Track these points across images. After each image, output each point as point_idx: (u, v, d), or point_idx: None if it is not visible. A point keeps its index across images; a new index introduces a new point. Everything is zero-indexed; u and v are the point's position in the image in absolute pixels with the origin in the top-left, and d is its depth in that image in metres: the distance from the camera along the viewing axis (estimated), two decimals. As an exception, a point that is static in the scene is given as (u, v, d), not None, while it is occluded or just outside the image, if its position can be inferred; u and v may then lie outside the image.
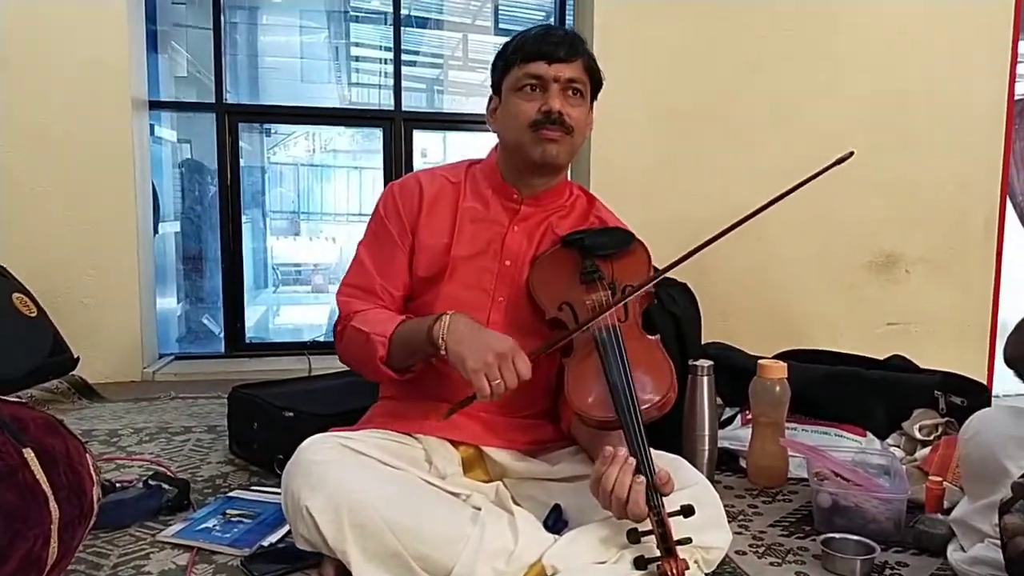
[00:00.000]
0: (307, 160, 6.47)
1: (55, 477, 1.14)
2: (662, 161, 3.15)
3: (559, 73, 1.45)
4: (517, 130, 1.47)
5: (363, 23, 5.41)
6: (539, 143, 1.46)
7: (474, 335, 1.32)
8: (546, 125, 1.44)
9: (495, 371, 1.26)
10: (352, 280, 1.55)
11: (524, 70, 1.45)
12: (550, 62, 1.44)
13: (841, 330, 3.28)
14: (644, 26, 3.10)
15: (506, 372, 1.27)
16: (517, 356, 1.28)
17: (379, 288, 1.52)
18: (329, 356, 3.26)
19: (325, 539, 1.21)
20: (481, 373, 1.26)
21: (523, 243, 1.53)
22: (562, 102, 1.45)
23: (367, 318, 1.46)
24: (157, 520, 1.61)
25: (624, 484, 1.19)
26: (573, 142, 1.49)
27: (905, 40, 3.26)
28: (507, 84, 1.50)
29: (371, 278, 1.52)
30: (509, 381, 1.27)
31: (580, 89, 1.48)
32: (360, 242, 1.58)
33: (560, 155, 1.48)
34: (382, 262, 1.53)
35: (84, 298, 2.89)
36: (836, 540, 1.44)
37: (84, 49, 2.83)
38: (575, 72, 1.46)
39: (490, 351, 1.28)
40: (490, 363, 1.27)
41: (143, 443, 2.16)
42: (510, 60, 1.48)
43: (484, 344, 1.29)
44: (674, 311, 2.01)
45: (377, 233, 1.56)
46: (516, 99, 1.47)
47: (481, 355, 1.27)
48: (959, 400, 1.99)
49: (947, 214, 3.36)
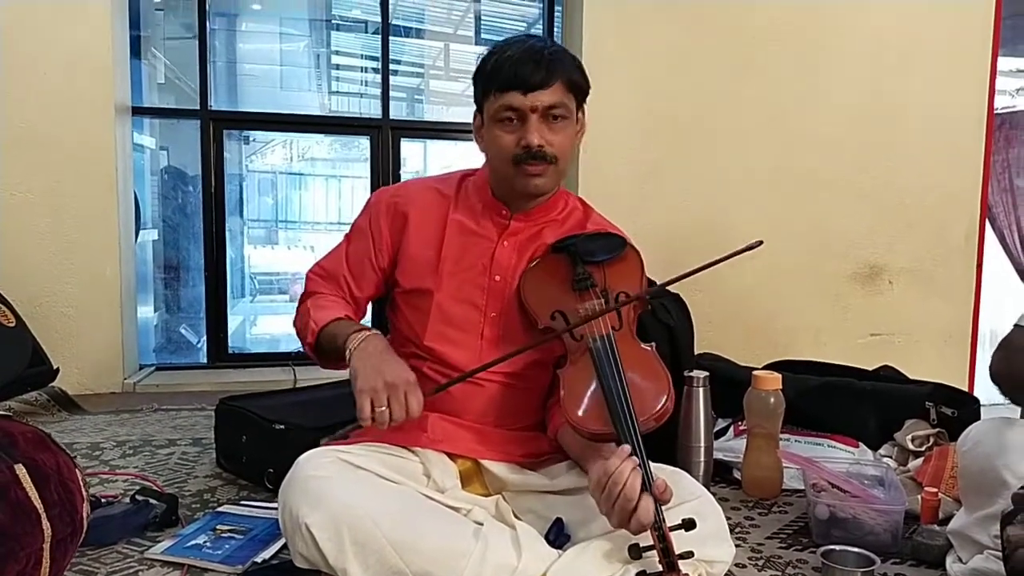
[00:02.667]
0: (285, 168, 6.41)
1: (47, 494, 1.11)
2: (651, 168, 3.16)
3: (535, 102, 1.39)
4: (500, 162, 1.46)
5: (344, 31, 5.38)
6: (522, 177, 1.44)
7: (377, 360, 1.33)
8: (528, 160, 1.42)
9: (381, 398, 1.27)
10: (325, 262, 1.61)
11: (500, 101, 1.41)
12: (525, 92, 1.39)
13: (825, 340, 3.31)
14: (632, 34, 3.11)
15: (394, 403, 1.27)
16: (410, 391, 1.28)
17: (343, 279, 1.57)
18: (314, 367, 3.20)
19: (325, 557, 1.18)
20: (366, 395, 1.26)
21: (513, 258, 1.52)
22: (542, 132, 1.41)
23: (318, 303, 1.53)
24: (145, 536, 1.57)
25: (634, 487, 1.17)
26: (558, 168, 1.47)
27: (888, 54, 3.31)
28: (486, 111, 1.45)
29: (340, 267, 1.57)
30: (395, 413, 1.26)
31: (560, 113, 1.42)
32: (348, 232, 1.61)
33: (545, 185, 1.47)
34: (354, 263, 1.57)
35: (64, 308, 2.83)
36: (836, 552, 1.44)
37: (68, 54, 2.78)
38: (554, 97, 1.40)
39: (381, 378, 1.28)
40: (378, 389, 1.27)
41: (127, 457, 2.11)
42: (487, 86, 1.44)
43: (380, 369, 1.30)
44: (668, 322, 2.01)
45: (358, 236, 1.58)
46: (496, 131, 1.43)
47: (372, 379, 1.28)
48: (950, 411, 2.01)
49: (929, 226, 3.40)
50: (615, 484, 1.17)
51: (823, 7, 3.26)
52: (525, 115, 1.40)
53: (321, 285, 1.57)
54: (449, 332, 1.47)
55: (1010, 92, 5.21)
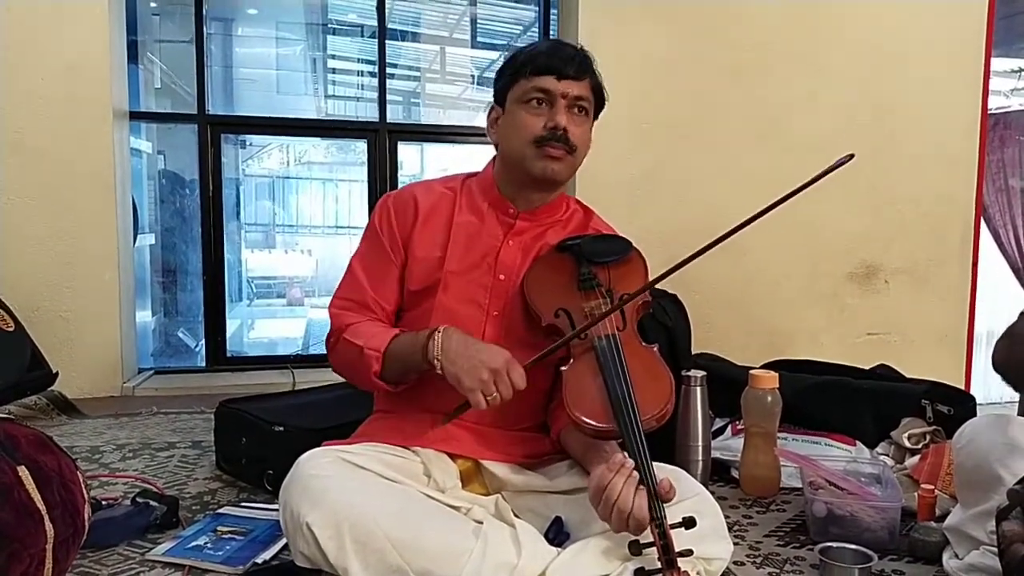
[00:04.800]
0: (282, 172, 6.42)
1: (49, 495, 1.12)
2: (646, 172, 3.18)
3: (567, 89, 1.44)
4: (520, 143, 1.46)
5: (340, 35, 5.39)
6: (541, 159, 1.45)
7: (468, 352, 1.33)
8: (550, 142, 1.44)
9: (491, 387, 1.29)
10: (345, 293, 1.54)
11: (533, 83, 1.45)
12: (559, 77, 1.44)
13: (822, 340, 3.32)
14: (628, 38, 3.13)
15: (501, 386, 1.29)
16: (512, 368, 1.30)
17: (371, 301, 1.51)
18: (313, 369, 3.24)
19: (326, 556, 1.19)
20: (478, 391, 1.28)
21: (517, 257, 1.52)
22: (568, 119, 1.45)
23: (359, 331, 1.46)
24: (145, 538, 1.57)
25: (628, 496, 1.18)
26: (574, 160, 1.49)
27: (882, 55, 3.33)
28: (513, 95, 1.48)
29: (363, 291, 1.52)
30: (505, 394, 1.29)
31: (586, 107, 1.48)
32: (354, 254, 1.58)
33: (561, 172, 1.48)
34: (374, 276, 1.53)
35: (63, 312, 2.84)
36: (833, 549, 1.45)
37: (65, 59, 2.79)
38: (583, 90, 1.46)
39: (484, 367, 1.29)
40: (485, 380, 1.29)
41: (127, 459, 2.12)
42: (519, 71, 1.47)
43: (478, 361, 1.31)
44: (666, 323, 2.02)
45: (371, 246, 1.55)
46: (522, 112, 1.46)
47: (476, 373, 1.29)
48: (946, 409, 2.02)
49: (925, 226, 3.42)
50: (609, 499, 1.19)
51: (816, 11, 3.27)
52: (555, 99, 1.44)
53: (349, 316, 1.50)
54: None
55: (1004, 92, 5.23)
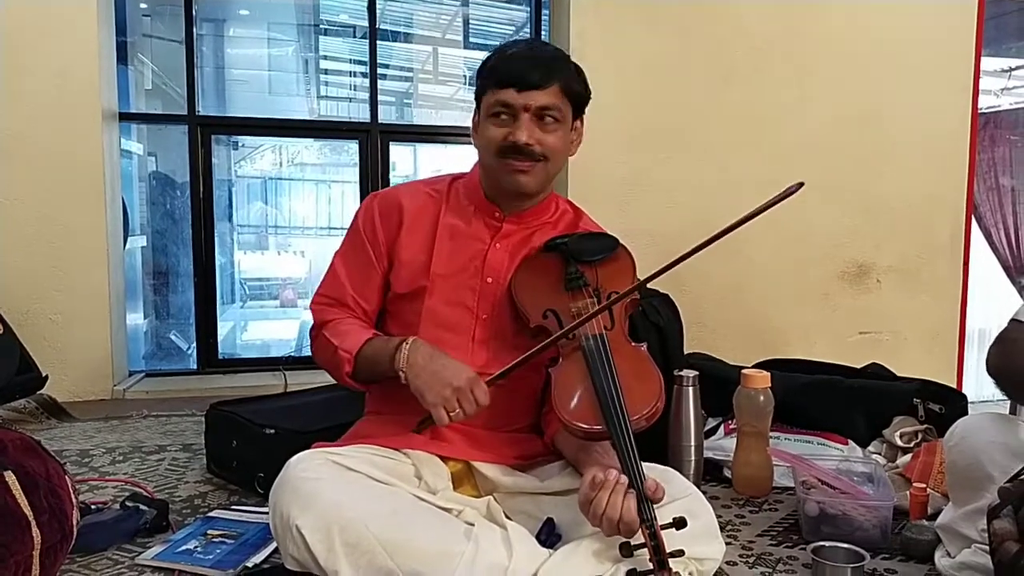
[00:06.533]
0: (274, 173, 6.40)
1: (36, 501, 1.11)
2: (637, 174, 3.18)
3: (529, 101, 1.41)
4: (488, 156, 1.47)
5: (332, 36, 5.38)
6: (507, 172, 1.45)
7: (432, 367, 1.34)
8: (513, 155, 1.43)
9: (453, 403, 1.31)
10: (326, 290, 1.56)
11: (496, 96, 1.43)
12: (520, 89, 1.40)
13: (815, 339, 3.33)
14: (619, 41, 3.13)
15: (464, 403, 1.31)
16: (475, 386, 1.32)
17: (351, 300, 1.53)
18: (305, 372, 3.22)
19: (316, 558, 1.18)
20: (440, 407, 1.30)
21: (505, 260, 1.52)
22: (532, 131, 1.42)
23: (337, 329, 1.48)
24: (135, 543, 1.57)
25: (616, 505, 1.18)
26: (547, 167, 1.47)
27: (872, 55, 3.34)
28: (483, 105, 1.48)
29: (344, 290, 1.53)
30: (468, 410, 1.31)
31: (554, 115, 1.44)
32: (337, 251, 1.58)
33: (530, 183, 1.47)
34: (356, 277, 1.53)
35: (52, 315, 2.82)
36: (826, 548, 1.45)
37: (54, 61, 2.77)
38: (548, 99, 1.42)
39: (447, 385, 1.31)
40: (447, 396, 1.31)
41: (116, 463, 2.11)
42: (485, 83, 1.46)
43: (441, 377, 1.32)
44: (657, 322, 2.02)
45: (353, 246, 1.55)
46: (487, 124, 1.45)
47: (438, 389, 1.31)
48: (937, 407, 2.02)
49: (916, 225, 3.43)
50: (596, 511, 1.19)
51: (807, 12, 3.28)
52: (517, 113, 1.42)
53: (330, 312, 1.52)
54: (441, 335, 1.47)
55: (995, 92, 5.25)
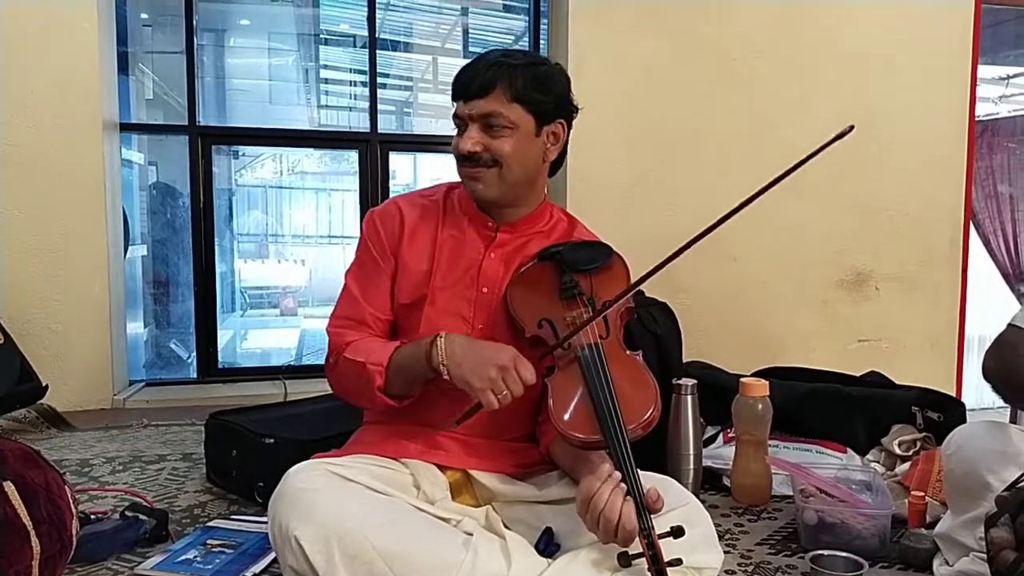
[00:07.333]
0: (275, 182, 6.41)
1: (35, 511, 1.11)
2: (637, 179, 3.18)
3: (471, 111, 1.44)
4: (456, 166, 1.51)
5: (332, 46, 5.40)
6: (467, 180, 1.48)
7: (473, 352, 1.33)
8: (466, 164, 1.46)
9: (500, 385, 1.28)
10: (342, 312, 1.53)
11: (454, 109, 1.48)
12: (466, 100, 1.44)
13: (814, 347, 3.33)
14: (618, 46, 3.14)
15: (511, 383, 1.29)
16: (519, 364, 1.30)
17: (369, 317, 1.50)
18: (304, 381, 3.23)
19: (315, 569, 1.18)
20: (488, 391, 1.28)
21: (500, 270, 1.52)
22: (480, 138, 1.44)
23: (360, 348, 1.44)
24: (135, 552, 1.57)
25: (615, 506, 1.18)
26: (502, 174, 1.46)
27: (870, 63, 3.35)
28: None
29: (360, 308, 1.51)
30: (515, 391, 1.29)
31: (500, 122, 1.43)
32: (347, 273, 1.57)
33: (486, 190, 1.47)
34: (369, 289, 1.52)
35: (53, 324, 2.82)
36: (824, 557, 1.45)
37: (55, 71, 2.79)
38: (491, 106, 1.42)
39: (492, 365, 1.29)
40: (494, 378, 1.28)
41: (116, 473, 2.11)
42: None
43: (485, 360, 1.30)
44: (655, 331, 2.02)
45: (362, 260, 1.55)
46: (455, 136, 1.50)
47: (484, 372, 1.29)
48: (936, 415, 2.02)
49: (914, 232, 3.43)
50: (595, 509, 1.19)
51: (805, 19, 3.29)
52: (465, 122, 1.46)
53: (349, 335, 1.49)
54: None
55: (992, 99, 5.27)
